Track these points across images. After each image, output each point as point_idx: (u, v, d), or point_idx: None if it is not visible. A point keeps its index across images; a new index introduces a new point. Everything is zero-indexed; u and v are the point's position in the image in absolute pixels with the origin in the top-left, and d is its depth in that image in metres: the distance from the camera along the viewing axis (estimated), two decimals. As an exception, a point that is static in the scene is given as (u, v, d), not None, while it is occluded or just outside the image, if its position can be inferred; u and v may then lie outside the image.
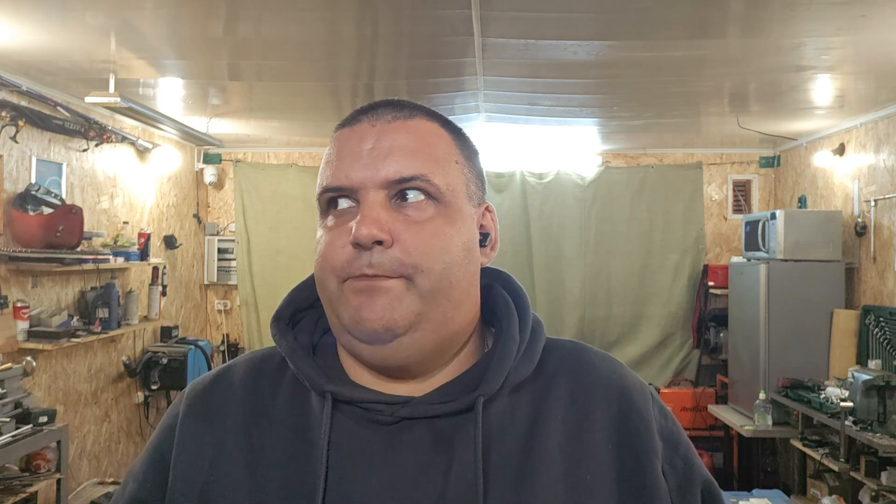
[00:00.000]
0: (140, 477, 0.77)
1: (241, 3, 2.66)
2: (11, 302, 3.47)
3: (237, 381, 0.78)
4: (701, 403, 5.20)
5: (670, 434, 0.77)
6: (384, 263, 0.68)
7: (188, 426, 0.76)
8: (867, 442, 3.35)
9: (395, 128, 0.72)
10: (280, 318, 0.79)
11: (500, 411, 0.73)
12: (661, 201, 5.69)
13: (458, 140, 0.76)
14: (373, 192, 0.70)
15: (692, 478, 0.75)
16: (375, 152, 0.71)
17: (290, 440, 0.73)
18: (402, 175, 0.70)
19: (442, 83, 3.75)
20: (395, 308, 0.68)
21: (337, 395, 0.72)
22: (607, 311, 5.68)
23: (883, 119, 4.20)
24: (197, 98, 4.19)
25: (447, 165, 0.73)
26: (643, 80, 3.69)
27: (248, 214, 5.72)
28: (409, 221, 0.70)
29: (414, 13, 2.73)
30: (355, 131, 0.73)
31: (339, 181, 0.71)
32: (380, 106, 0.76)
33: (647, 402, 0.77)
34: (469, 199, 0.75)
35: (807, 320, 4.41)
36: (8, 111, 3.47)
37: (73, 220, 3.67)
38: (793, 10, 2.61)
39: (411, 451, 0.70)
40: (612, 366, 0.79)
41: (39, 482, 3.18)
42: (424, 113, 0.75)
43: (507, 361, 0.74)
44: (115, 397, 4.56)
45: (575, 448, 0.72)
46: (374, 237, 0.67)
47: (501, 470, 0.70)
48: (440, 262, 0.70)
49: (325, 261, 0.71)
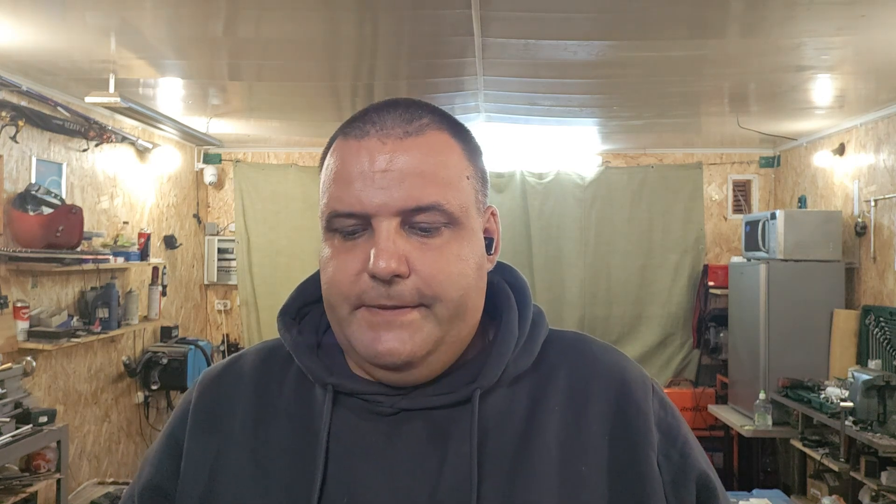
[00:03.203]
0: (156, 462, 0.79)
1: (241, 3, 2.66)
2: (11, 302, 3.47)
3: (246, 371, 0.80)
4: (701, 403, 5.20)
5: (668, 427, 0.77)
6: (403, 294, 0.68)
7: (199, 414, 0.79)
8: (867, 442, 3.35)
9: (406, 147, 0.70)
10: (286, 312, 0.81)
11: (497, 403, 0.74)
12: (661, 201, 5.69)
13: (467, 147, 0.75)
14: (386, 220, 0.68)
15: (687, 471, 0.75)
16: (389, 177, 0.68)
17: (294, 431, 0.74)
18: (419, 204, 0.68)
19: (442, 83, 3.75)
20: (414, 340, 0.69)
21: (338, 388, 0.74)
22: (607, 311, 5.68)
23: (883, 119, 4.20)
24: (197, 98, 4.19)
25: (459, 184, 0.72)
26: (643, 80, 3.69)
27: (248, 214, 5.72)
28: (425, 248, 0.69)
29: (414, 13, 2.73)
30: (364, 147, 0.70)
31: (350, 207, 0.69)
32: (386, 112, 0.72)
33: (646, 395, 0.77)
34: (477, 211, 0.74)
35: (807, 320, 4.41)
36: (8, 111, 3.47)
37: (73, 220, 3.67)
38: (793, 10, 2.61)
39: (409, 442, 0.72)
40: (614, 358, 0.79)
41: (39, 482, 3.18)
42: (434, 121, 0.73)
43: (505, 355, 0.74)
44: (115, 397, 4.56)
45: (572, 439, 0.73)
46: (393, 271, 0.67)
47: (497, 461, 0.71)
48: (458, 289, 0.70)
49: (335, 287, 0.70)
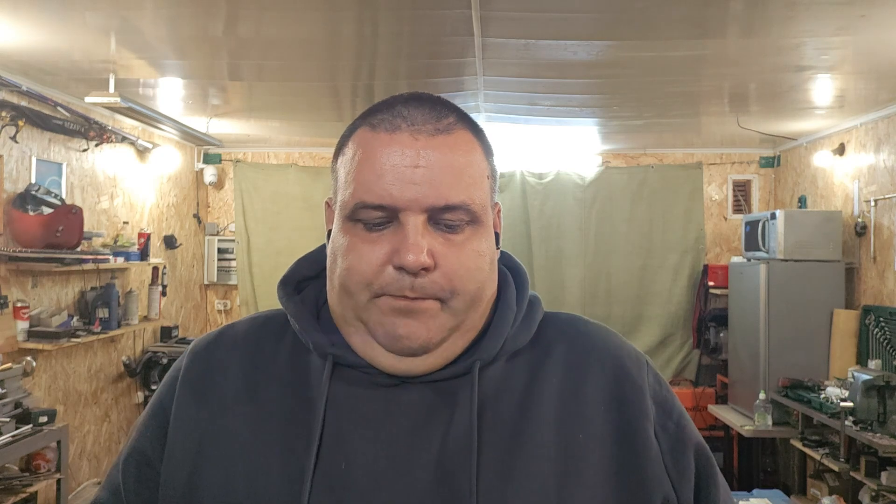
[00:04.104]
0: (142, 429, 0.80)
1: (241, 3, 2.66)
2: (11, 302, 3.47)
3: (240, 338, 0.81)
4: (701, 403, 5.20)
5: (663, 400, 0.78)
6: (426, 287, 0.70)
7: (189, 381, 0.79)
8: (867, 442, 3.35)
9: (437, 144, 0.72)
10: (287, 282, 0.83)
11: (496, 376, 0.75)
12: (661, 201, 5.69)
13: (485, 146, 0.78)
14: (414, 215, 0.70)
15: (685, 441, 0.77)
16: (420, 172, 0.70)
17: (288, 397, 0.75)
18: (448, 203, 0.70)
19: (442, 83, 3.75)
20: (430, 328, 0.71)
21: (339, 359, 0.75)
22: (607, 311, 5.68)
23: (883, 119, 4.20)
24: (197, 98, 4.19)
25: (482, 183, 0.75)
26: (643, 80, 3.69)
27: (248, 214, 5.72)
28: (449, 244, 0.71)
29: (414, 13, 2.73)
30: (396, 141, 0.71)
31: (380, 199, 0.70)
32: (415, 107, 0.73)
33: (641, 369, 0.79)
34: (491, 208, 0.77)
35: (807, 320, 4.41)
36: (8, 111, 3.47)
37: (73, 220, 3.67)
38: (793, 10, 2.61)
39: (407, 412, 0.73)
40: (608, 335, 0.82)
41: (39, 482, 3.18)
42: (459, 120, 0.75)
43: (503, 329, 0.76)
44: (115, 397, 4.56)
45: (569, 410, 0.74)
46: (422, 265, 0.69)
47: (496, 429, 0.72)
48: (475, 283, 0.73)
49: (358, 274, 0.71)
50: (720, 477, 0.79)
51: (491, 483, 0.69)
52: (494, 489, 0.69)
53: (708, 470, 0.78)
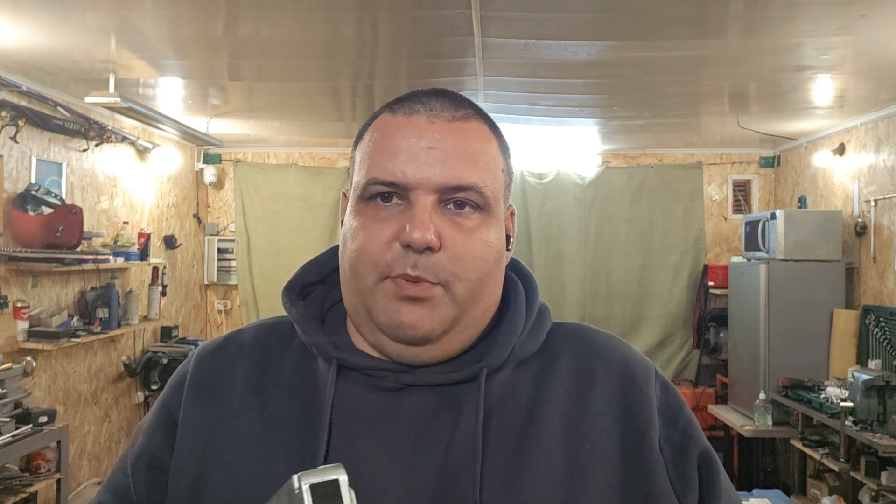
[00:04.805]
0: (149, 431, 0.80)
1: (241, 3, 2.66)
2: (11, 302, 3.47)
3: (246, 344, 0.81)
4: (701, 403, 5.20)
5: (669, 409, 0.78)
6: (428, 267, 0.70)
7: (196, 385, 0.79)
8: (867, 442, 3.35)
9: (454, 129, 0.73)
10: (291, 288, 0.83)
11: (503, 382, 0.75)
12: (661, 201, 5.69)
13: (501, 144, 0.78)
14: (425, 194, 0.71)
15: (688, 450, 0.76)
16: (434, 154, 0.71)
17: (295, 402, 0.75)
18: (460, 183, 0.71)
19: (442, 83, 3.75)
20: (433, 316, 0.71)
21: (343, 362, 0.75)
22: (607, 311, 5.68)
23: (883, 119, 4.20)
24: (197, 98, 4.19)
25: (495, 174, 0.75)
26: (643, 80, 3.69)
27: (248, 214, 5.72)
28: (457, 228, 0.72)
29: (414, 13, 2.73)
30: (413, 123, 0.73)
31: (393, 176, 0.71)
32: (435, 97, 0.75)
33: (648, 379, 0.78)
34: (504, 205, 0.78)
35: (807, 320, 4.41)
36: (8, 111, 3.47)
37: (73, 220, 3.67)
38: (793, 10, 2.61)
39: (413, 416, 0.72)
40: (617, 344, 0.82)
41: (39, 482, 3.19)
42: (476, 113, 0.76)
43: (512, 336, 0.76)
44: (115, 397, 4.56)
45: (576, 419, 0.74)
46: (427, 242, 0.69)
47: (502, 436, 0.72)
48: (478, 272, 0.72)
49: (365, 254, 0.72)
50: (725, 482, 0.79)
51: (495, 490, 0.69)
52: (498, 497, 0.69)
53: (712, 477, 0.77)
